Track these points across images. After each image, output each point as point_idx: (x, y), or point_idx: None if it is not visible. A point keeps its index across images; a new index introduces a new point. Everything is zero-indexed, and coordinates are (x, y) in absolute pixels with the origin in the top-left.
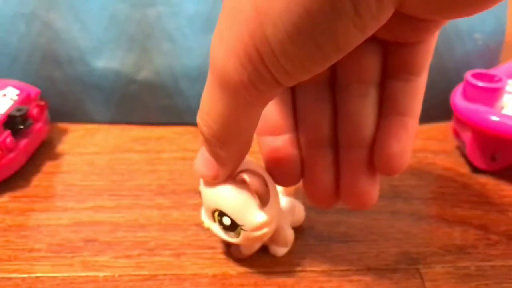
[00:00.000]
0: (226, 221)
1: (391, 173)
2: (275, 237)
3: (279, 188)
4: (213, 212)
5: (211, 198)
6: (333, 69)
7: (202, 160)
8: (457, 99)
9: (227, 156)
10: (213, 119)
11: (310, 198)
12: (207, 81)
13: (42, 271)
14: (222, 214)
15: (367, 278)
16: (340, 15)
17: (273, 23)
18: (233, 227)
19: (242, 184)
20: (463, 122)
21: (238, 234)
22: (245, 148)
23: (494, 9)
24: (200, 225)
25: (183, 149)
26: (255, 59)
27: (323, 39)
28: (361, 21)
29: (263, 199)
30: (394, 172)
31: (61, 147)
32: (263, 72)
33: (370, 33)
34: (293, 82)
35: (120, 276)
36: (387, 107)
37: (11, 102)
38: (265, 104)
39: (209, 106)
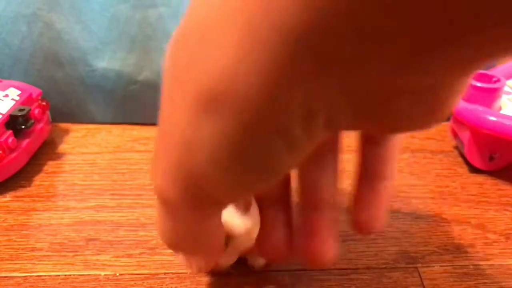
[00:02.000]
0: None
1: (365, 234)
2: (253, 248)
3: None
4: None
5: None
6: None
7: (183, 260)
8: None
9: (198, 260)
10: (171, 238)
11: (262, 253)
12: (157, 208)
13: (44, 270)
14: None
15: (366, 277)
16: (271, 151)
17: (204, 155)
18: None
19: None
20: (462, 122)
21: (226, 245)
22: (215, 248)
23: None
24: None
25: None
26: (192, 187)
27: (260, 171)
28: (294, 152)
29: (247, 205)
30: (366, 233)
31: (62, 147)
32: (203, 197)
33: (306, 154)
34: (238, 199)
35: (121, 275)
36: (360, 171)
37: (13, 103)
38: (214, 219)
39: (163, 227)
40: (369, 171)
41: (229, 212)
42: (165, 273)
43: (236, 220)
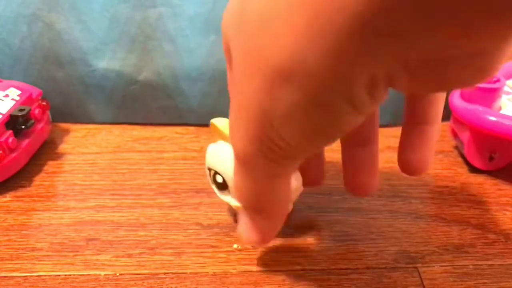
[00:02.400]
0: None
1: (413, 175)
2: None
3: None
4: None
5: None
6: None
7: (245, 227)
8: (455, 99)
9: (267, 220)
10: (249, 195)
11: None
12: (234, 165)
13: (44, 270)
14: None
15: (366, 277)
16: (339, 114)
17: (279, 121)
18: None
19: None
20: (461, 122)
21: None
22: (283, 211)
23: None
24: (200, 224)
25: (184, 149)
26: (271, 145)
27: (329, 131)
28: (360, 112)
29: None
30: (415, 174)
31: (62, 147)
32: (281, 154)
33: (369, 114)
34: (309, 154)
35: (121, 275)
36: (408, 116)
37: (13, 103)
38: (290, 172)
39: (242, 184)
40: (418, 116)
41: None
42: (165, 273)
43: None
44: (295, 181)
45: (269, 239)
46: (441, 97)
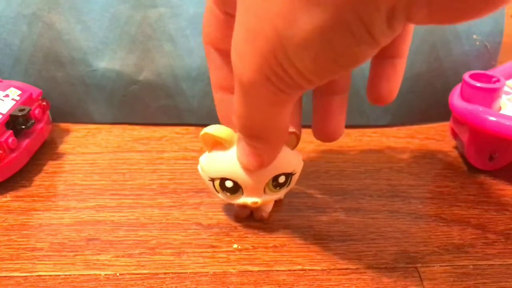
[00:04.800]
0: (281, 179)
1: (381, 104)
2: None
3: None
4: (267, 182)
5: (262, 172)
6: None
7: (243, 153)
8: (455, 99)
9: (267, 147)
10: (250, 122)
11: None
12: (235, 92)
13: (44, 270)
14: (276, 177)
15: (365, 277)
16: (358, 41)
17: (294, 47)
18: (287, 180)
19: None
20: (461, 122)
21: (289, 183)
22: (282, 137)
23: None
24: (200, 224)
25: (184, 149)
26: (280, 72)
27: (343, 59)
28: (376, 43)
29: (298, 142)
30: (384, 104)
31: (63, 147)
32: (288, 82)
33: (383, 45)
34: (317, 84)
35: (121, 275)
36: (381, 50)
37: (13, 103)
38: (292, 101)
39: (243, 110)
40: (391, 51)
41: (287, 151)
42: (165, 273)
43: (294, 156)
44: (295, 159)
45: (268, 163)
46: (410, 33)
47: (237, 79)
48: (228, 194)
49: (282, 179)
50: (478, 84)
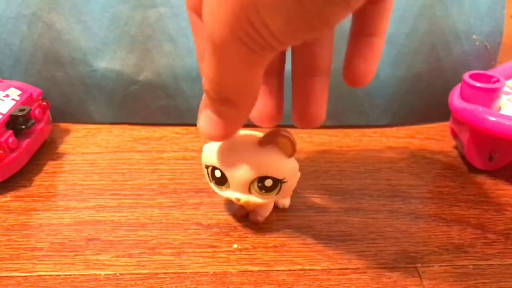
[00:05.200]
0: (268, 183)
1: (357, 86)
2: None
3: None
4: (252, 181)
5: (248, 168)
6: None
7: (208, 121)
8: (455, 99)
9: (234, 113)
10: (219, 84)
11: (257, 120)
12: (206, 52)
13: (44, 270)
14: (262, 179)
15: (365, 277)
16: (329, 2)
17: (266, 6)
18: (275, 185)
19: (273, 144)
20: (461, 122)
21: (279, 190)
22: (251, 104)
23: (492, 10)
24: (200, 224)
25: (184, 149)
26: (252, 32)
27: (314, 20)
28: (348, 5)
29: (295, 149)
30: (360, 86)
31: (63, 147)
32: (260, 42)
33: (355, 9)
34: (287, 47)
35: (121, 274)
36: (356, 27)
37: (14, 103)
38: (265, 63)
39: (214, 72)
40: (367, 29)
41: (280, 157)
42: (165, 273)
43: (288, 163)
44: (288, 167)
45: (232, 133)
46: (389, 10)
47: (208, 38)
48: (216, 184)
49: (269, 182)
50: (478, 84)
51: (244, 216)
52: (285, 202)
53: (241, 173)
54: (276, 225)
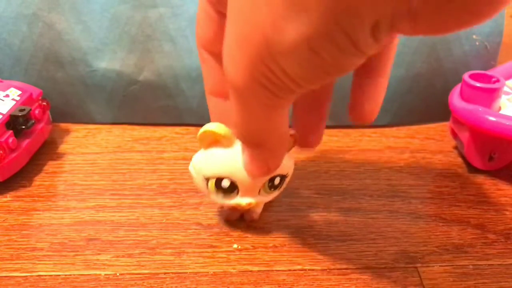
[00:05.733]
0: (277, 181)
1: (363, 123)
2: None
3: None
4: (264, 183)
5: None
6: None
7: (248, 161)
8: (455, 99)
9: (270, 154)
10: (246, 129)
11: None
12: (231, 99)
13: (44, 270)
14: (272, 179)
15: (365, 277)
16: (344, 52)
17: (282, 54)
18: (282, 182)
19: None
20: (461, 122)
21: (281, 186)
22: (283, 141)
23: None
24: (200, 224)
25: (184, 149)
26: (271, 77)
27: (330, 68)
28: (362, 53)
29: (294, 145)
30: (365, 123)
31: (63, 147)
32: (280, 85)
33: (368, 56)
34: (305, 89)
35: (121, 274)
36: (362, 69)
37: (14, 103)
38: (288, 104)
39: (240, 119)
40: (374, 70)
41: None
42: (165, 273)
43: (290, 158)
44: (289, 162)
45: (274, 169)
46: (394, 53)
47: (230, 85)
48: (222, 194)
49: (277, 180)
50: (478, 84)
51: (237, 219)
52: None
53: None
54: (276, 225)
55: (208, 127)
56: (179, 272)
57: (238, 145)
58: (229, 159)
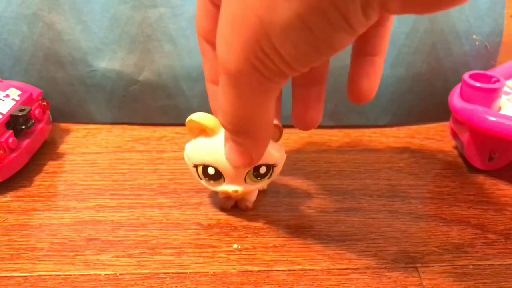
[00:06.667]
0: (262, 170)
1: (361, 103)
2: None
3: None
4: (248, 172)
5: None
6: None
7: (232, 152)
8: (455, 99)
9: (254, 143)
10: (235, 115)
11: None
12: (220, 84)
13: (44, 270)
14: (257, 168)
15: (365, 277)
16: (335, 28)
17: (276, 32)
18: (268, 171)
19: None
20: (461, 122)
21: (271, 174)
22: (268, 131)
23: (492, 10)
24: (200, 224)
25: (184, 149)
26: (265, 59)
27: (322, 46)
28: (353, 30)
29: (281, 133)
30: (364, 102)
31: (63, 147)
32: (272, 68)
33: (359, 34)
34: (298, 73)
35: (121, 274)
36: (358, 48)
37: (14, 103)
38: (277, 90)
39: (229, 104)
40: (370, 48)
41: (270, 143)
42: (165, 273)
43: (277, 148)
44: (277, 152)
45: (256, 160)
46: (389, 31)
47: (223, 69)
48: (211, 181)
49: (263, 169)
50: (478, 84)
51: (232, 206)
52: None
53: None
54: (276, 225)
55: (192, 116)
56: (179, 272)
57: (222, 134)
58: (212, 148)
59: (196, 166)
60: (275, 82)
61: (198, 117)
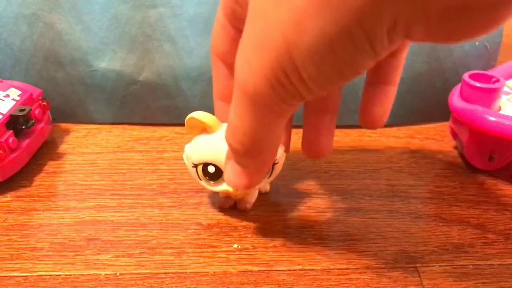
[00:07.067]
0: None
1: (374, 128)
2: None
3: None
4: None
5: None
6: None
7: (233, 173)
8: (455, 99)
9: (258, 165)
10: (247, 135)
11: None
12: (235, 103)
13: (44, 270)
14: None
15: (365, 277)
16: (359, 50)
17: (301, 53)
18: (271, 169)
19: None
20: (461, 122)
21: (271, 173)
22: (274, 154)
23: None
24: (200, 224)
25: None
26: (284, 81)
27: (344, 68)
28: (376, 54)
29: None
30: (376, 128)
31: (63, 147)
32: (291, 90)
33: (380, 58)
34: (315, 97)
35: (121, 274)
36: (372, 76)
37: (14, 103)
38: (290, 113)
39: (241, 124)
40: (384, 77)
41: None
42: (165, 273)
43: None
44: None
45: (255, 184)
46: (403, 62)
47: (240, 88)
48: (211, 181)
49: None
50: (478, 84)
51: (231, 206)
52: (267, 187)
53: None
54: (276, 225)
55: (192, 114)
56: (179, 272)
57: (222, 132)
58: (212, 145)
59: (195, 166)
60: (291, 104)
61: (199, 115)
